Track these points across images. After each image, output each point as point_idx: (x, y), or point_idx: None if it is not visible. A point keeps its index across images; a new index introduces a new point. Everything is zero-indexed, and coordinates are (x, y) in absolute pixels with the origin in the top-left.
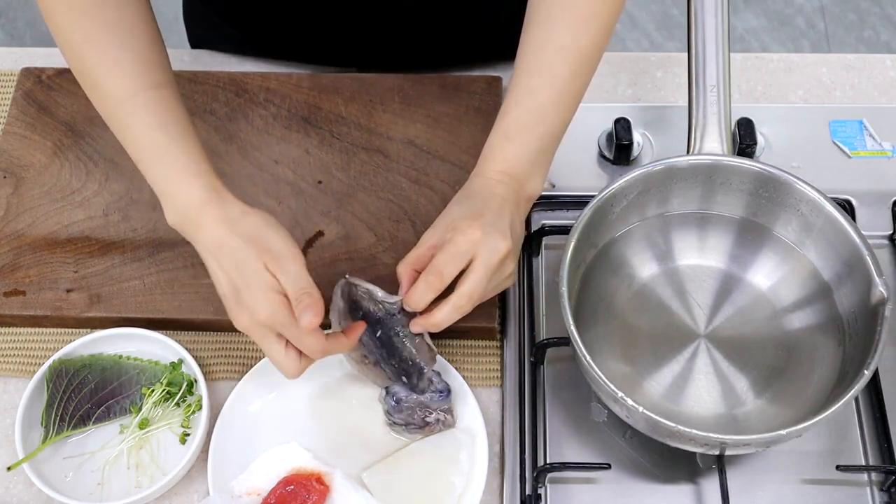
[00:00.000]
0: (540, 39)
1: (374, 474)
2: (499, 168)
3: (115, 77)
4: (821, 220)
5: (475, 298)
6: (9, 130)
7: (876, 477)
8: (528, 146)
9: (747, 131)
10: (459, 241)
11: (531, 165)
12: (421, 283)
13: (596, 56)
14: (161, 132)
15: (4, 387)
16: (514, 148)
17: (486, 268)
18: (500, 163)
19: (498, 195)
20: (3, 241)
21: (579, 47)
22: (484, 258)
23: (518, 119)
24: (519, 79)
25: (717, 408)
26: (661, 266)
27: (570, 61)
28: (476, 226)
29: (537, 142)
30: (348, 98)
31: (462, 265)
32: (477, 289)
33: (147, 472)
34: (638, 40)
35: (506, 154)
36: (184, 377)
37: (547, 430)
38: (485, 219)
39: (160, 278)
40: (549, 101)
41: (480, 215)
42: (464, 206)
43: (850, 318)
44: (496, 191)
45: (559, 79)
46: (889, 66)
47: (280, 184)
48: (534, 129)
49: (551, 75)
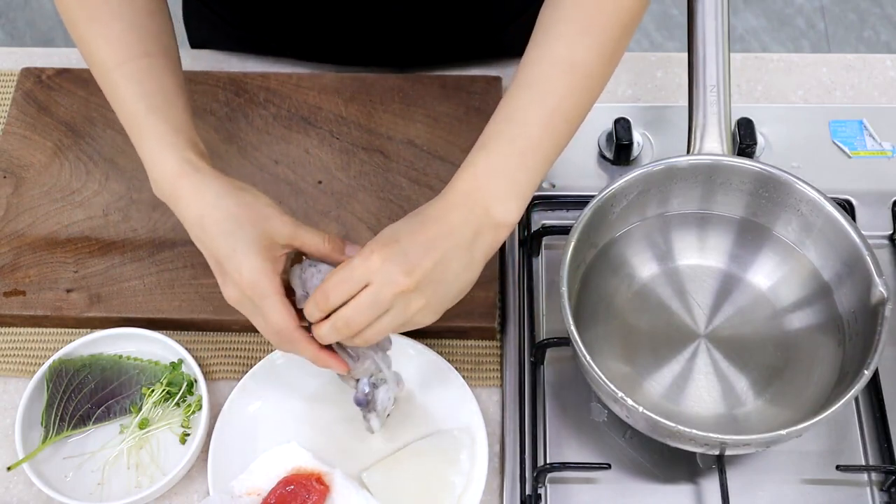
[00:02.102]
0: (536, 55)
1: (374, 474)
2: (464, 188)
3: (106, 45)
4: (821, 220)
5: (354, 327)
6: (9, 130)
7: (876, 477)
8: (504, 160)
9: (747, 131)
10: (355, 264)
11: (506, 184)
12: (310, 301)
13: (597, 73)
14: (143, 102)
15: (4, 387)
16: (488, 160)
17: (374, 299)
18: (467, 180)
19: (447, 223)
20: (3, 241)
21: (574, 62)
22: (374, 289)
23: (499, 130)
24: (510, 92)
25: (717, 408)
26: (661, 266)
27: (566, 77)
28: (382, 252)
29: (517, 158)
30: (348, 98)
31: (351, 291)
32: (356, 318)
33: (147, 472)
34: (638, 40)
35: (477, 169)
36: (184, 377)
37: (547, 430)
38: (399, 246)
39: (160, 278)
40: (536, 116)
41: (397, 241)
42: (398, 225)
43: (850, 318)
44: (448, 218)
45: (552, 95)
46: (889, 66)
47: (280, 184)
48: (514, 141)
49: (543, 91)
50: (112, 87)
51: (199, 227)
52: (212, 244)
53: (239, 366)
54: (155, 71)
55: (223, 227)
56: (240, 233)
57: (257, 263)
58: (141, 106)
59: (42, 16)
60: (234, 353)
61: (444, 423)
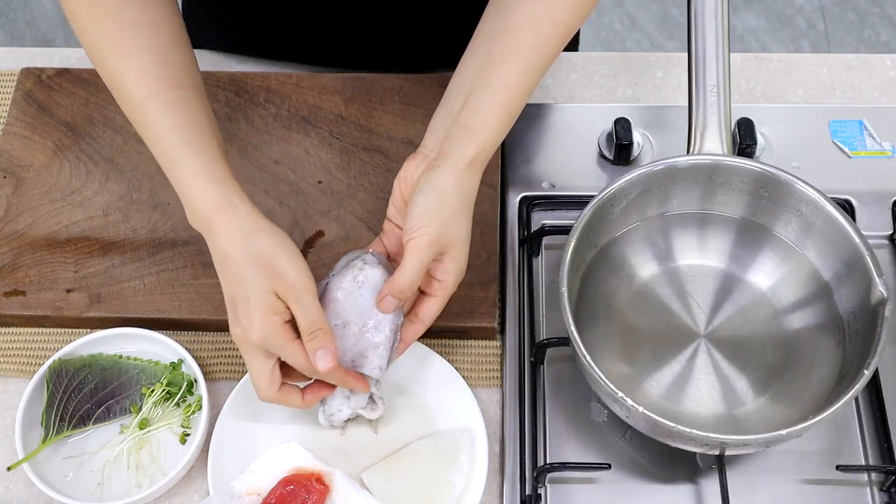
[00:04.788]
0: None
1: (374, 474)
2: (471, 154)
3: (135, 78)
4: (821, 220)
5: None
6: (9, 130)
7: (876, 477)
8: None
9: (747, 131)
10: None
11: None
12: (409, 327)
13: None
14: (176, 134)
15: (4, 387)
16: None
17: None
18: (471, 147)
19: (467, 198)
20: (3, 241)
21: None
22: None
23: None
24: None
25: (717, 408)
26: (661, 266)
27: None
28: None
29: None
30: (348, 98)
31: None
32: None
33: (147, 472)
34: (638, 40)
35: (481, 138)
36: (184, 377)
37: (547, 430)
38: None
39: (160, 278)
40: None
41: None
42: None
43: (850, 318)
44: (468, 195)
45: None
46: (889, 66)
47: (280, 184)
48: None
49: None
50: (144, 119)
51: (224, 264)
52: (230, 286)
53: (239, 366)
54: (186, 103)
55: (244, 271)
56: (255, 282)
57: (267, 319)
58: (175, 138)
59: (42, 16)
60: (234, 353)
61: (444, 423)
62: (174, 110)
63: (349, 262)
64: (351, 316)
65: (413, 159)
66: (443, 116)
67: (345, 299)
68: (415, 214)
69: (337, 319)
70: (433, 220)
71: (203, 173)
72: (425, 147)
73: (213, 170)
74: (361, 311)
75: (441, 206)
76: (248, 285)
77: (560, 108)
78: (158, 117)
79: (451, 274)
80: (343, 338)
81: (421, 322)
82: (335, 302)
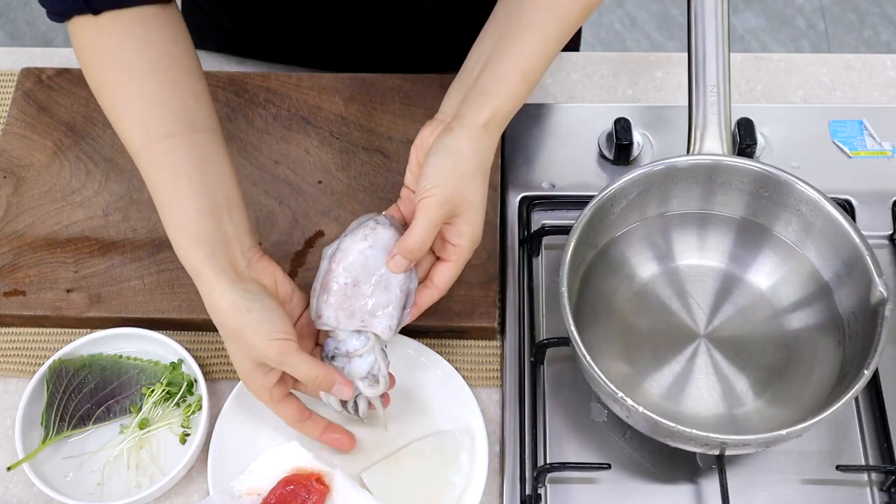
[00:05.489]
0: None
1: (374, 474)
2: (486, 116)
3: (128, 127)
4: (821, 220)
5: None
6: (9, 130)
7: (876, 477)
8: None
9: (747, 131)
10: (464, 257)
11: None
12: (423, 291)
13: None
14: (162, 191)
15: (4, 387)
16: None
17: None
18: (486, 109)
19: (482, 160)
20: (3, 241)
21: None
22: (467, 256)
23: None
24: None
25: (717, 408)
26: (661, 266)
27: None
28: (477, 237)
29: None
30: (348, 98)
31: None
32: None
33: (147, 472)
34: (638, 40)
35: (497, 101)
36: (184, 377)
37: (547, 430)
38: (480, 221)
39: (160, 278)
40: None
41: (480, 216)
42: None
43: (850, 318)
44: (482, 157)
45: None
46: (889, 66)
47: (280, 184)
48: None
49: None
50: (141, 173)
51: (210, 312)
52: (220, 330)
53: None
54: (173, 155)
55: (225, 332)
56: (234, 352)
57: (256, 382)
58: (160, 195)
59: (42, 16)
60: None
61: (444, 423)
62: (157, 167)
63: (361, 223)
64: (361, 275)
65: (429, 125)
66: (460, 84)
67: (355, 258)
68: (427, 175)
69: (347, 278)
70: (445, 181)
71: (179, 238)
72: (442, 113)
73: (185, 234)
74: (371, 271)
75: (454, 167)
76: (231, 353)
77: (560, 108)
78: (148, 172)
79: (466, 238)
80: (353, 297)
81: (435, 287)
82: (346, 261)
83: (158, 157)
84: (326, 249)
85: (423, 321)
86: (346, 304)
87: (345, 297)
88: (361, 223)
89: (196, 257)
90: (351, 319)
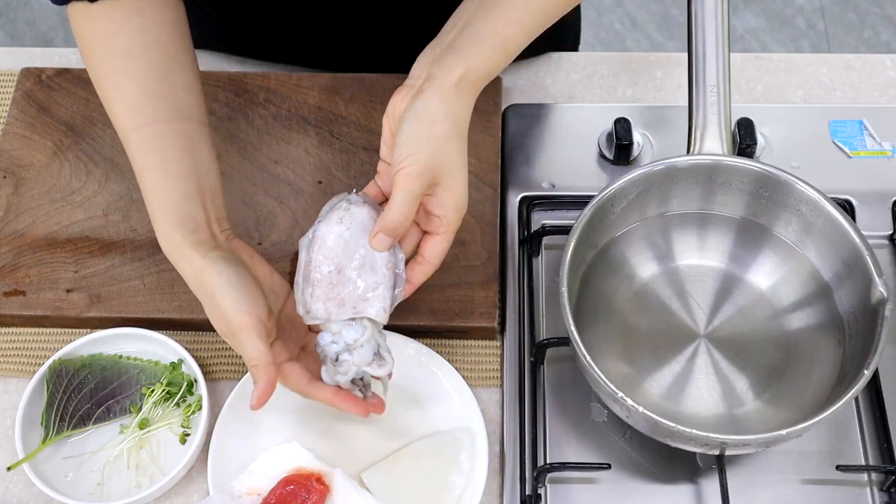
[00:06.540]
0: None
1: (374, 474)
2: (458, 75)
3: (119, 111)
4: (821, 220)
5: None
6: (9, 130)
7: (876, 477)
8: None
9: (747, 131)
10: (452, 227)
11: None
12: (415, 267)
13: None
14: (145, 175)
15: (4, 387)
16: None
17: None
18: (459, 68)
19: (456, 122)
20: (3, 241)
21: None
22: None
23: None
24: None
25: (717, 408)
26: (661, 266)
27: None
28: (461, 205)
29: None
30: (348, 98)
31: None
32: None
33: (147, 472)
34: (638, 40)
35: (471, 60)
36: (184, 377)
37: (547, 430)
38: (463, 187)
39: (160, 278)
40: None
41: (462, 182)
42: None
43: (850, 318)
44: (456, 119)
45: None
46: (889, 66)
47: (280, 184)
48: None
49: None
50: (127, 152)
51: (189, 281)
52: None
53: (239, 366)
54: (161, 140)
55: (203, 299)
56: (217, 319)
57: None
58: (144, 178)
59: (42, 16)
60: (234, 353)
61: (444, 423)
62: (146, 150)
63: (333, 206)
64: (343, 260)
65: (399, 91)
66: (432, 47)
67: (334, 243)
68: (400, 143)
69: (330, 266)
70: (420, 148)
71: (157, 218)
72: (412, 77)
73: (166, 217)
74: (353, 253)
75: (428, 133)
76: (212, 315)
77: (560, 108)
78: (134, 156)
79: (449, 207)
80: (339, 284)
81: (428, 262)
82: (325, 248)
83: (147, 140)
84: (303, 240)
85: (423, 321)
86: (333, 293)
87: (331, 285)
88: (333, 206)
89: (178, 234)
90: (342, 308)
